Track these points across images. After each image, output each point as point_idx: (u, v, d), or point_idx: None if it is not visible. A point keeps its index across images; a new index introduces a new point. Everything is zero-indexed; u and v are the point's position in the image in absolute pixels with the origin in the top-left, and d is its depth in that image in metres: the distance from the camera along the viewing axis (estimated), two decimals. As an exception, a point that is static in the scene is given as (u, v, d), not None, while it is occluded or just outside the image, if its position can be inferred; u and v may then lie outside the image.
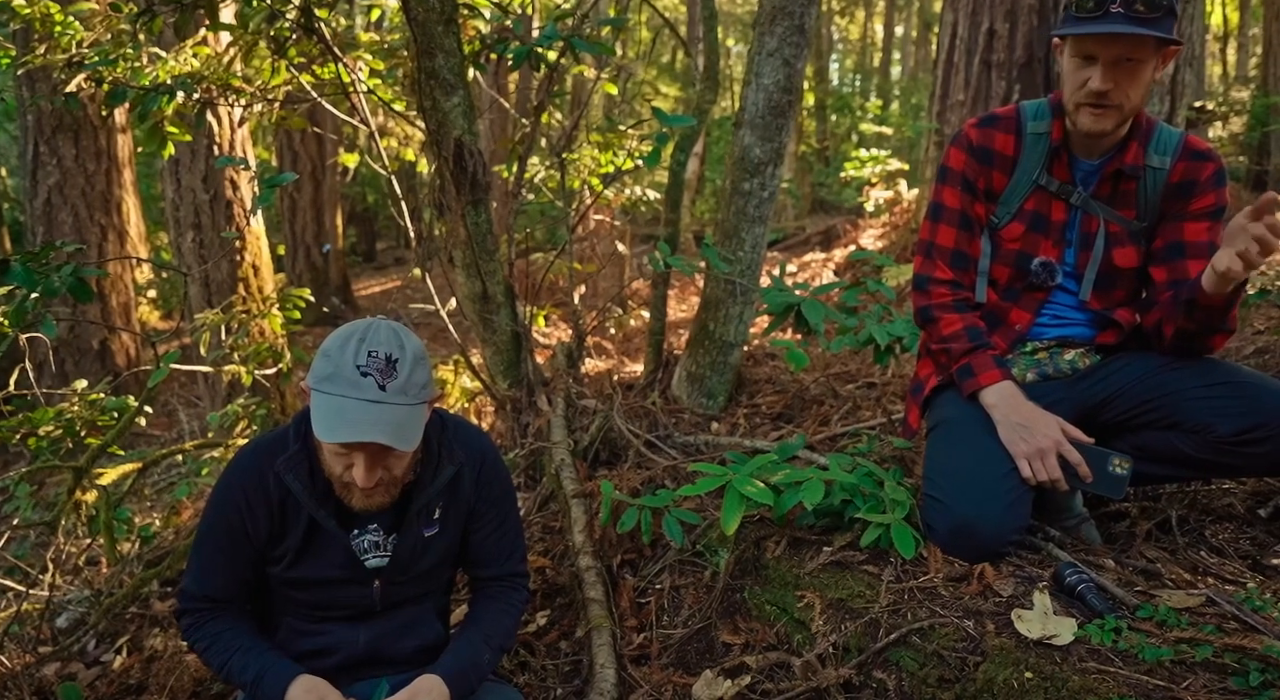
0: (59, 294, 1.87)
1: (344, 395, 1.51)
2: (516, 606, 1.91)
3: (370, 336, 1.55)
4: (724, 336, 3.73)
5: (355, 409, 1.50)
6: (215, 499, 1.73)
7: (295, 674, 1.63)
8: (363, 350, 1.52)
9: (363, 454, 1.56)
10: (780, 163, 3.52)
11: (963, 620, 1.69)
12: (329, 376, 1.52)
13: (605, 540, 2.61)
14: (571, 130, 3.47)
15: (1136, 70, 1.94)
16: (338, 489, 1.66)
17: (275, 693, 1.61)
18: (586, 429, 3.30)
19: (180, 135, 3.58)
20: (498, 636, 1.84)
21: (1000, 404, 2.07)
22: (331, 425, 1.50)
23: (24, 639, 3.04)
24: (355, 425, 1.49)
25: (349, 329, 1.58)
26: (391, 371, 1.53)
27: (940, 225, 2.26)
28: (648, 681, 2.05)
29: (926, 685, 1.62)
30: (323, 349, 1.57)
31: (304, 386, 1.63)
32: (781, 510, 2.05)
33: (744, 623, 2.10)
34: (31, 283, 1.79)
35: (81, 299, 1.92)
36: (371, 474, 1.57)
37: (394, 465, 1.62)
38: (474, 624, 1.86)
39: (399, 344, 1.57)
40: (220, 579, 1.73)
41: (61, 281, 1.84)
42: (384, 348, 1.54)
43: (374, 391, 1.51)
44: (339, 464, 1.60)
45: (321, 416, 1.51)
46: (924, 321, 2.27)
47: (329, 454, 1.60)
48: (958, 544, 1.94)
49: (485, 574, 1.91)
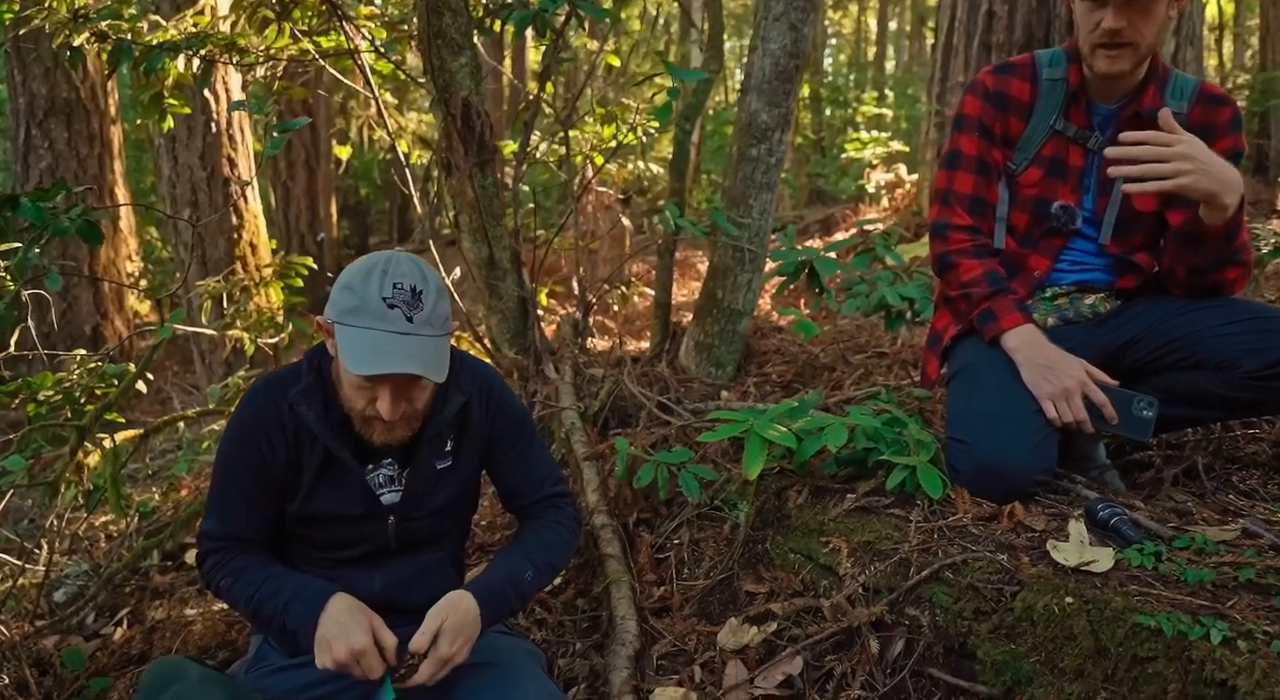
0: (69, 234, 1.82)
1: (372, 328, 1.47)
2: (563, 522, 1.84)
3: (392, 269, 1.52)
4: (732, 305, 3.68)
5: (386, 341, 1.47)
6: (231, 436, 1.69)
7: (331, 591, 1.58)
8: (387, 282, 1.49)
9: (388, 387, 1.52)
10: (787, 129, 3.48)
11: (995, 554, 1.65)
12: (354, 309, 1.49)
13: (620, 500, 2.57)
14: (575, 100, 3.43)
15: (1149, 7, 1.91)
16: (358, 424, 1.62)
17: (310, 611, 1.54)
18: (595, 395, 3.26)
19: (180, 107, 3.52)
20: (541, 552, 1.77)
21: (1023, 347, 2.03)
22: (363, 358, 1.46)
23: (21, 613, 2.98)
24: (388, 357, 1.46)
25: (368, 261, 1.55)
26: (417, 303, 1.50)
27: (957, 172, 2.23)
28: (670, 632, 2.01)
29: (962, 618, 1.58)
30: (342, 283, 1.53)
31: (322, 321, 1.60)
32: (804, 456, 2.01)
33: (767, 572, 2.06)
34: (42, 219, 1.74)
35: (91, 240, 1.87)
36: (396, 407, 1.54)
37: (417, 398, 1.59)
38: (514, 543, 1.82)
39: (421, 275, 1.54)
40: (242, 517, 1.69)
41: (71, 222, 1.79)
42: (408, 279, 1.51)
43: (402, 323, 1.48)
44: (362, 398, 1.56)
45: (351, 349, 1.47)
46: (942, 268, 2.24)
47: (351, 388, 1.56)
48: (984, 484, 1.90)
49: (525, 502, 1.87)
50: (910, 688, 1.61)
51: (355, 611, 1.55)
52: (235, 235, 4.78)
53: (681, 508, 2.47)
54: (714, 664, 1.88)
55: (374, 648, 1.50)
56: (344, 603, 1.56)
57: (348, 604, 1.56)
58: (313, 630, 1.53)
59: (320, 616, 1.54)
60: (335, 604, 1.55)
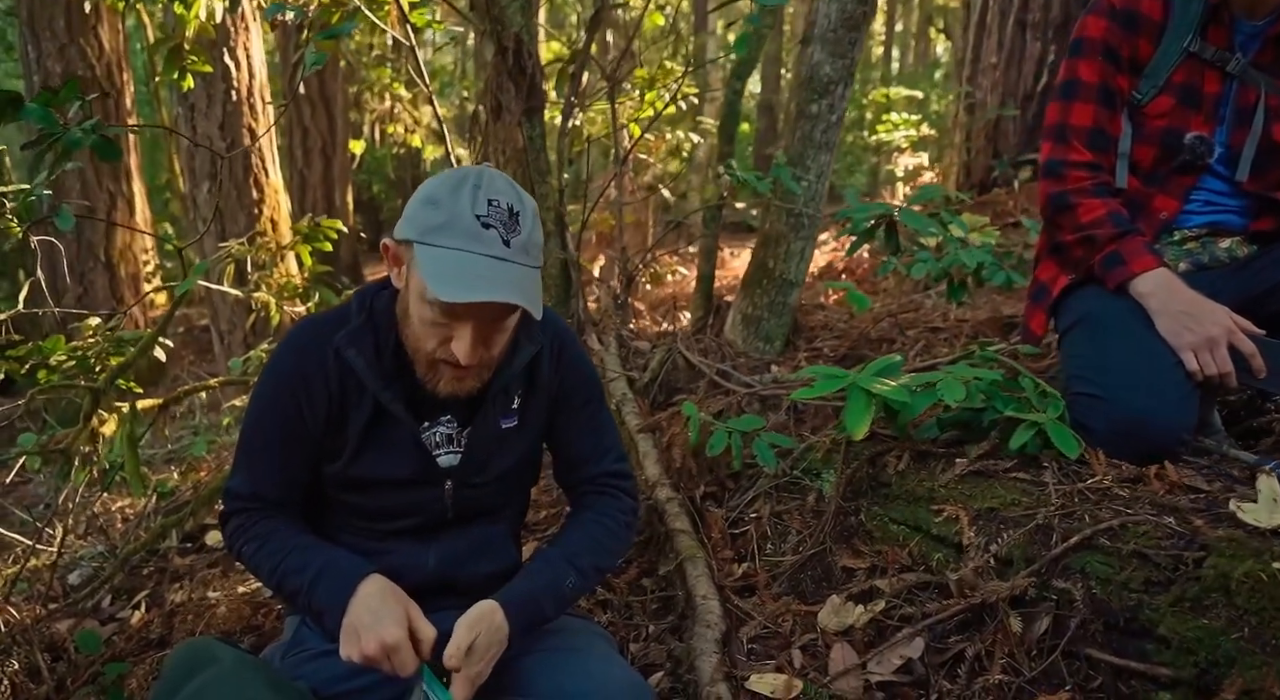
0: (81, 146, 1.61)
1: (463, 249, 1.23)
2: (615, 515, 1.57)
3: (485, 183, 1.28)
4: (784, 274, 3.46)
5: (480, 265, 1.23)
6: (265, 381, 1.45)
7: (364, 572, 1.34)
8: (480, 198, 1.25)
9: (470, 324, 1.29)
10: (850, 83, 3.25)
11: (1159, 517, 1.42)
12: (441, 227, 1.24)
13: (684, 472, 2.35)
14: (624, 53, 3.20)
15: None
16: (422, 370, 1.38)
17: (339, 592, 1.31)
18: (644, 367, 3.03)
19: (200, 64, 3.31)
20: (587, 553, 1.51)
21: (1157, 292, 1.81)
22: (452, 282, 1.22)
23: (34, 596, 2.77)
24: (482, 283, 1.22)
25: (456, 174, 1.30)
26: (515, 225, 1.27)
27: (1075, 103, 2.00)
28: (760, 612, 1.78)
29: (1129, 590, 1.35)
30: (425, 196, 1.29)
31: (390, 245, 1.36)
32: (913, 413, 1.78)
33: (865, 545, 1.83)
34: (49, 121, 1.53)
35: (106, 157, 1.66)
36: (475, 350, 1.31)
37: (496, 341, 1.36)
38: (560, 540, 1.56)
39: (517, 195, 1.31)
40: (272, 476, 1.46)
41: (85, 134, 1.58)
42: (504, 197, 1.28)
43: (498, 246, 1.25)
44: (435, 337, 1.32)
45: (436, 273, 1.23)
46: (1058, 209, 2.01)
47: (424, 325, 1.32)
48: (1124, 443, 1.67)
49: (579, 476, 1.62)
50: (1064, 671, 1.38)
51: (390, 597, 1.31)
52: (256, 210, 4.57)
53: (754, 480, 2.24)
54: (816, 647, 1.65)
55: (408, 643, 1.26)
56: (378, 586, 1.32)
57: (382, 587, 1.32)
58: (340, 613, 1.30)
59: (350, 600, 1.30)
60: (368, 587, 1.31)
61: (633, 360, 3.17)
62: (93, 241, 6.27)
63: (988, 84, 6.97)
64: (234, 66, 4.61)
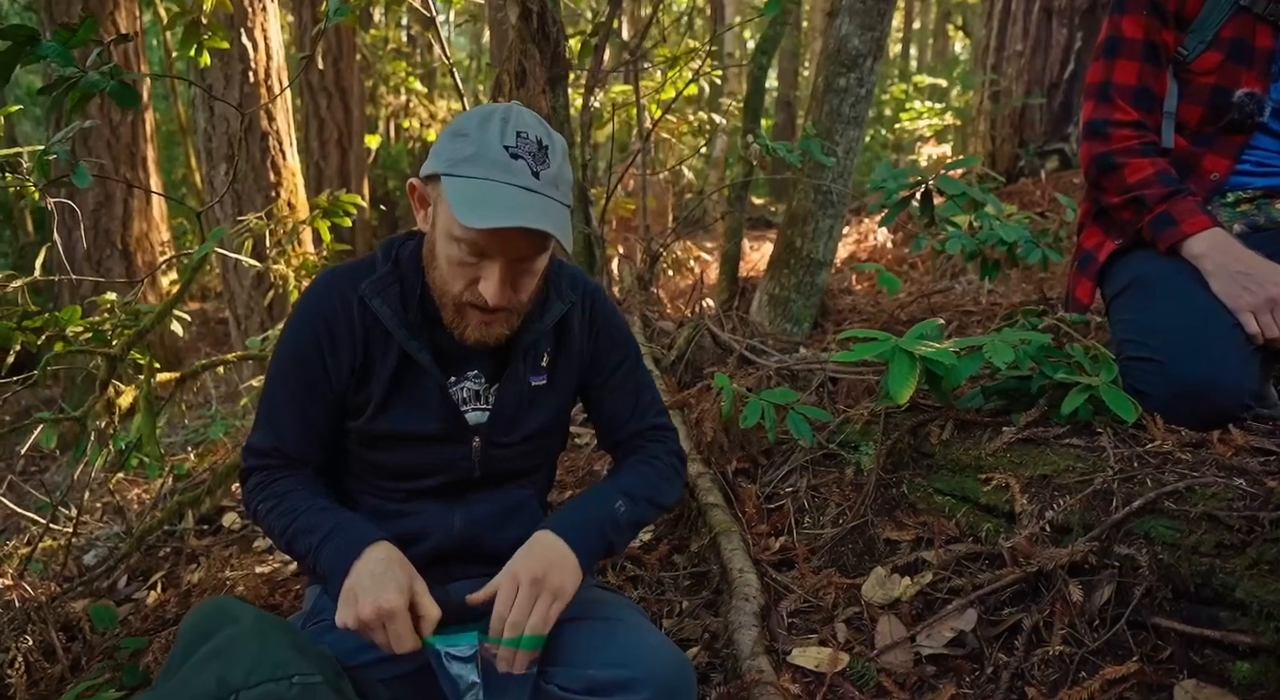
0: (101, 88, 1.56)
1: (490, 179, 1.20)
2: (663, 457, 1.51)
3: (514, 117, 1.25)
4: (811, 254, 3.38)
5: (509, 194, 1.19)
6: (289, 332, 1.40)
7: (373, 537, 1.26)
8: (509, 130, 1.23)
9: (498, 263, 1.24)
10: (880, 56, 3.17)
11: (1230, 479, 1.34)
12: (469, 158, 1.21)
13: (715, 447, 2.27)
14: (646, 27, 3.13)
15: None
16: (450, 316, 1.33)
17: (344, 555, 1.23)
18: (670, 345, 2.97)
19: (218, 40, 3.26)
20: (638, 486, 1.45)
21: (1212, 252, 1.72)
22: (480, 210, 1.18)
23: (49, 575, 2.73)
24: (512, 209, 1.18)
25: (484, 108, 1.28)
26: (544, 158, 1.24)
27: (1118, 61, 1.92)
28: (800, 586, 1.71)
29: (1199, 554, 1.27)
30: (454, 130, 1.26)
31: (416, 184, 1.32)
32: (960, 376, 1.70)
33: (909, 517, 1.76)
34: (67, 58, 1.48)
35: (124, 102, 1.61)
36: (504, 290, 1.26)
37: (525, 284, 1.31)
38: (608, 477, 1.51)
39: (546, 131, 1.28)
40: (295, 429, 1.40)
41: (103, 77, 1.53)
42: (532, 131, 1.25)
43: (527, 177, 1.21)
44: (462, 278, 1.27)
45: (464, 201, 1.19)
46: (1102, 170, 1.92)
47: (451, 265, 1.27)
48: (1184, 408, 1.59)
49: (622, 435, 1.56)
50: (1130, 642, 1.30)
51: (395, 564, 1.24)
52: (273, 193, 4.52)
53: (788, 455, 2.17)
54: (860, 621, 1.58)
55: (406, 613, 1.19)
56: (384, 552, 1.25)
57: (388, 554, 1.25)
58: (343, 579, 1.23)
59: (354, 563, 1.23)
60: (374, 551, 1.24)
61: (658, 340, 3.11)
62: (109, 229, 6.25)
63: (1013, 72, 6.86)
64: (251, 47, 4.55)
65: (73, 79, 1.55)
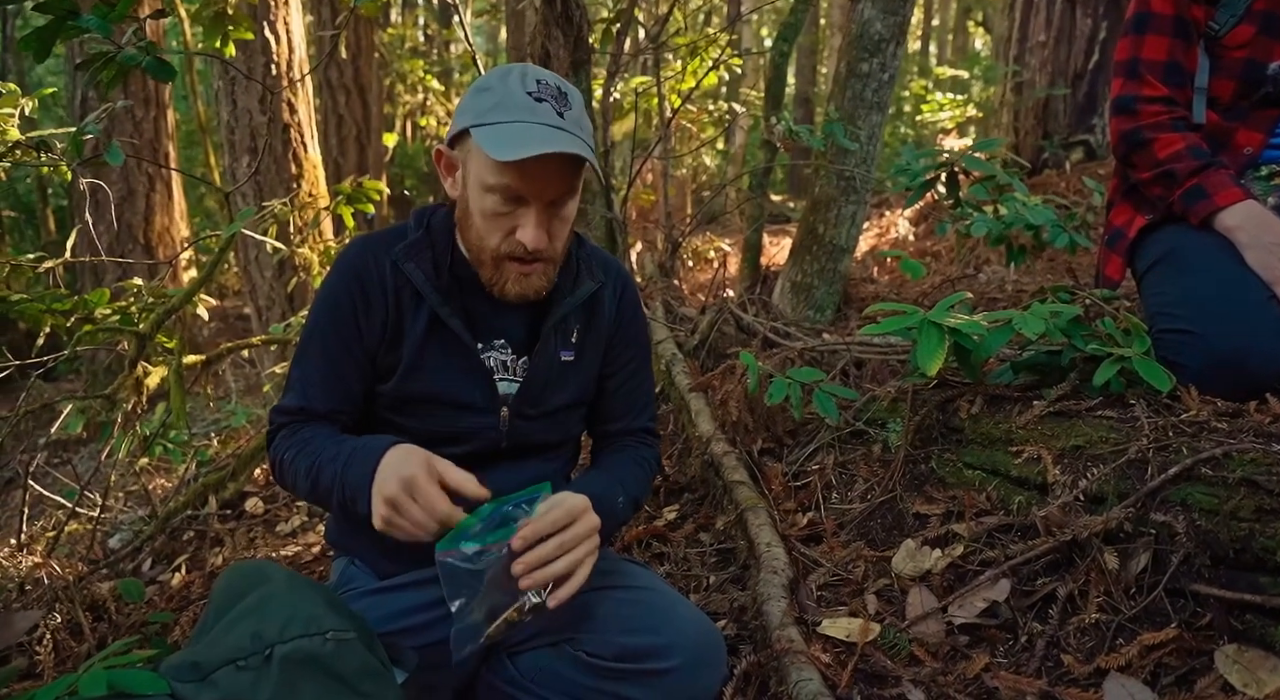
0: (137, 63, 1.57)
1: (519, 120, 1.24)
2: (647, 460, 1.57)
3: (531, 70, 1.30)
4: (834, 240, 3.37)
5: (537, 130, 1.23)
6: (323, 291, 1.42)
7: (394, 441, 1.23)
8: (529, 78, 1.28)
9: (534, 207, 1.27)
10: (903, 41, 3.16)
11: (1269, 445, 1.32)
12: (495, 106, 1.26)
13: (739, 428, 2.27)
14: (667, 17, 3.13)
15: None
16: (488, 272, 1.35)
17: (366, 465, 1.20)
18: (692, 331, 2.96)
19: (242, 32, 3.28)
20: (631, 483, 1.48)
21: (1246, 224, 1.71)
22: (513, 145, 1.20)
23: (75, 556, 2.75)
24: (545, 140, 1.21)
25: (500, 69, 1.32)
26: (566, 101, 1.29)
27: (1147, 37, 1.90)
28: (828, 559, 1.69)
29: (1239, 519, 1.25)
30: (476, 88, 1.31)
31: (443, 150, 1.36)
32: (990, 349, 1.68)
33: (938, 491, 1.74)
34: (105, 30, 1.49)
35: (160, 76, 1.62)
36: (541, 233, 1.28)
37: (558, 231, 1.33)
38: (601, 468, 1.53)
39: (563, 82, 1.33)
40: (325, 386, 1.39)
41: (140, 52, 1.54)
42: (550, 78, 1.30)
43: (553, 116, 1.25)
44: (499, 229, 1.30)
45: (497, 142, 1.22)
46: (1132, 147, 1.91)
47: (487, 218, 1.30)
48: (1221, 379, 1.57)
49: (613, 428, 1.60)
50: (1168, 608, 1.28)
51: (415, 451, 1.20)
52: (294, 185, 4.54)
53: (814, 434, 2.16)
54: (891, 593, 1.56)
55: (432, 482, 1.15)
56: (404, 448, 1.21)
57: (407, 447, 1.21)
58: (368, 489, 1.19)
59: (377, 468, 1.19)
60: (394, 451, 1.20)
61: (680, 325, 3.10)
62: (132, 223, 6.30)
63: (1036, 63, 6.81)
64: (274, 40, 4.58)
65: (110, 54, 1.56)
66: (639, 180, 3.58)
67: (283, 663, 1.06)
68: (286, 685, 1.05)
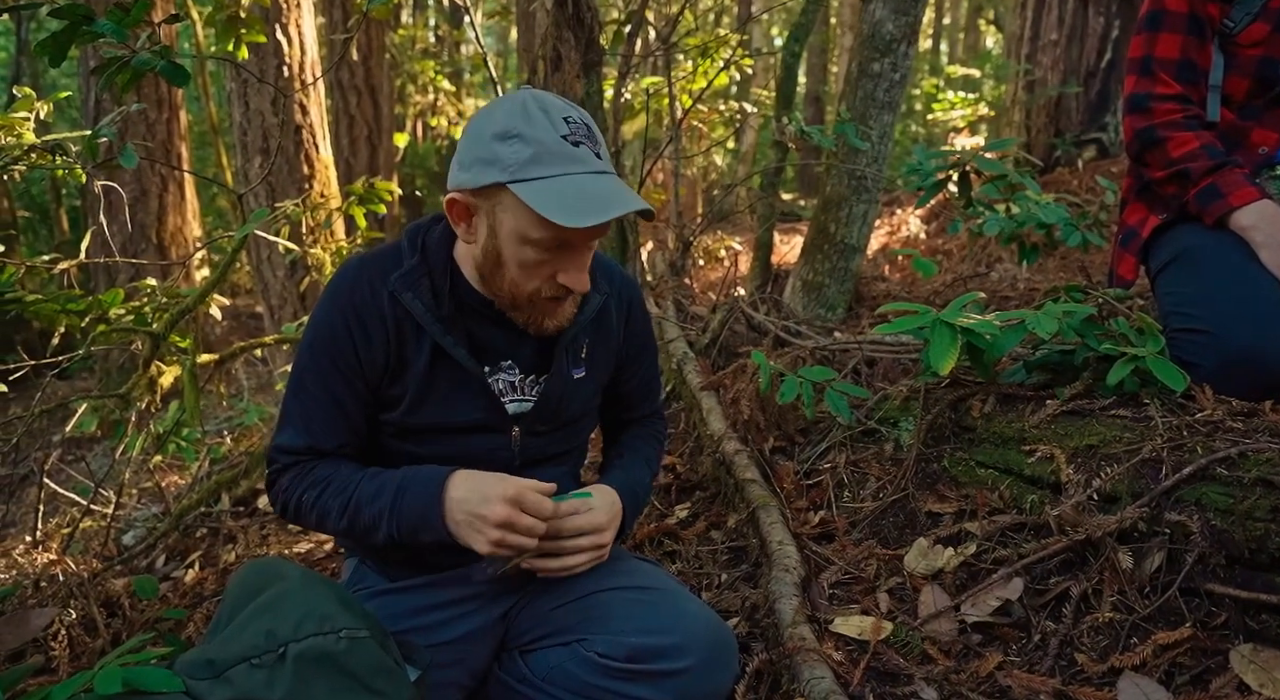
0: (152, 67, 1.58)
1: (568, 173, 1.16)
2: (660, 435, 1.67)
3: (548, 105, 1.21)
4: (845, 239, 3.36)
5: (591, 184, 1.17)
6: (319, 319, 1.34)
7: (447, 471, 1.26)
8: (555, 118, 1.19)
9: (577, 251, 1.24)
10: (914, 41, 3.15)
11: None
12: (532, 159, 1.16)
13: (750, 427, 2.26)
14: (678, 17, 3.13)
15: None
16: (523, 316, 1.33)
17: (429, 498, 1.23)
18: (704, 329, 2.96)
19: (255, 35, 3.29)
20: (655, 460, 1.62)
21: (1261, 224, 1.70)
22: (576, 208, 1.14)
23: (89, 552, 2.77)
24: (605, 200, 1.16)
25: (508, 104, 1.22)
26: (595, 138, 1.22)
27: (1160, 34, 1.90)
28: (840, 558, 1.69)
29: (1254, 519, 1.24)
30: (493, 134, 1.19)
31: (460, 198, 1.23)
32: (1002, 348, 1.68)
33: (950, 490, 1.74)
34: (121, 35, 1.50)
35: (175, 80, 1.62)
36: (585, 274, 1.27)
37: (590, 260, 1.30)
38: (627, 450, 1.58)
39: (576, 109, 1.25)
40: (327, 421, 1.34)
41: (154, 56, 1.55)
42: (571, 111, 1.22)
43: (594, 161, 1.19)
44: (539, 276, 1.25)
45: (553, 203, 1.14)
46: (1145, 145, 1.90)
47: (525, 268, 1.24)
48: (1237, 378, 1.56)
49: (629, 416, 1.64)
50: (1183, 608, 1.28)
51: (478, 474, 1.25)
52: (306, 185, 4.56)
53: (825, 433, 2.15)
54: (903, 591, 1.56)
55: (529, 490, 1.22)
56: (464, 475, 1.25)
57: (468, 473, 1.25)
58: (439, 521, 1.22)
59: (444, 498, 1.22)
60: (456, 480, 1.24)
61: (691, 324, 3.10)
62: (145, 224, 6.33)
63: (1048, 61, 6.78)
64: (286, 42, 4.60)
65: (124, 58, 1.57)
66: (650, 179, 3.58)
67: (297, 661, 1.06)
68: (300, 683, 1.05)
